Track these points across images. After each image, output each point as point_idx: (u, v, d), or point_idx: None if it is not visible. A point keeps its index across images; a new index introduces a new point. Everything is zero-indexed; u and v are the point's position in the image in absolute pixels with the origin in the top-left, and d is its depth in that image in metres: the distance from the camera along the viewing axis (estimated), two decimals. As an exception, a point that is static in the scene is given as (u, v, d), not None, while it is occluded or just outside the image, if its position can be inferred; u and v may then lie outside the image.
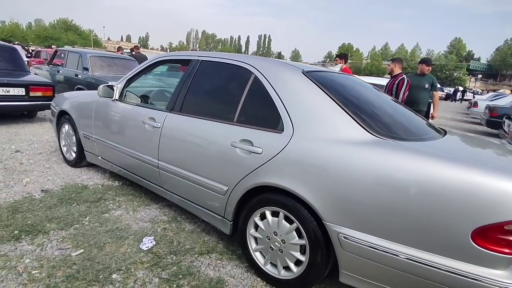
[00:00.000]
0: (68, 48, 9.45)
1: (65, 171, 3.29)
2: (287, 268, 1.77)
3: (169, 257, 2.00)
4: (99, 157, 3.05)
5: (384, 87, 4.53)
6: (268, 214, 1.79)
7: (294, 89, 1.84)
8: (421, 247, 1.34)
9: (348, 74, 3.03)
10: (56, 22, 64.49)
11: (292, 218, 1.69)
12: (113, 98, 2.80)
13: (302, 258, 1.69)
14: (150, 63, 2.74)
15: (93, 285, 1.71)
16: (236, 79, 2.15)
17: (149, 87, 3.49)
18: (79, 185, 2.96)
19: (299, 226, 1.66)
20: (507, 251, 1.23)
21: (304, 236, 1.65)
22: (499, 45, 68.22)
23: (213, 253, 2.08)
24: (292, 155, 1.67)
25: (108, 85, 2.83)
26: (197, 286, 1.77)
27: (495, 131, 8.31)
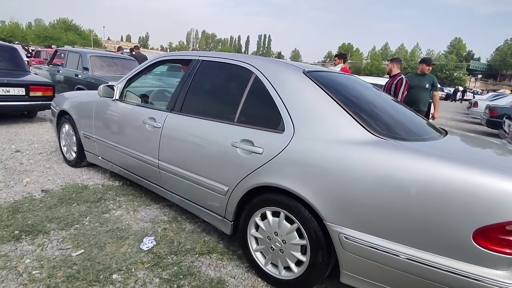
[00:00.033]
0: (68, 48, 9.43)
1: (65, 171, 3.29)
2: (288, 268, 1.77)
3: (169, 257, 2.00)
4: (100, 157, 3.05)
5: (382, 87, 4.53)
6: (269, 214, 1.79)
7: (295, 89, 1.84)
8: (422, 247, 1.34)
9: (348, 74, 3.03)
10: (56, 22, 64.54)
11: (293, 218, 1.68)
12: (114, 98, 2.79)
13: (303, 258, 1.69)
14: (150, 63, 2.74)
15: (94, 285, 1.71)
16: (236, 79, 2.15)
17: (149, 87, 3.49)
18: (80, 185, 2.96)
19: (300, 226, 1.66)
20: (508, 251, 1.22)
21: (305, 236, 1.65)
22: (499, 45, 68.37)
23: (213, 253, 2.08)
24: (293, 155, 1.67)
25: (108, 85, 2.83)
26: (198, 286, 1.77)
27: (495, 131, 8.31)
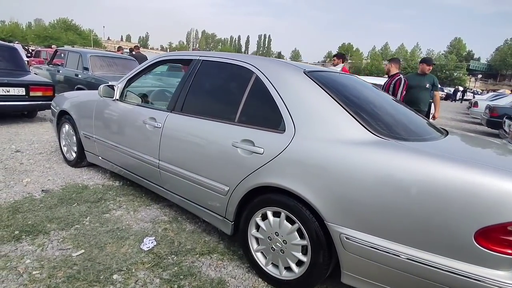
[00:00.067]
0: (68, 47, 9.43)
1: (66, 171, 3.29)
2: (288, 268, 1.76)
3: (170, 257, 2.00)
4: (100, 157, 3.04)
5: (381, 87, 4.52)
6: (269, 214, 1.79)
7: (295, 89, 1.84)
8: (423, 248, 1.34)
9: (348, 74, 3.02)
10: (56, 22, 64.59)
11: (293, 218, 1.68)
12: (114, 98, 2.79)
13: (303, 258, 1.68)
14: (150, 63, 2.73)
15: (94, 285, 1.70)
16: (237, 79, 2.15)
17: (149, 87, 3.48)
18: (80, 185, 2.95)
19: (301, 226, 1.66)
20: (509, 251, 1.22)
21: (305, 236, 1.65)
22: (499, 45, 68.42)
23: (214, 254, 2.08)
24: (293, 155, 1.66)
25: (108, 85, 2.83)
26: (198, 286, 1.76)
27: (495, 131, 8.31)
